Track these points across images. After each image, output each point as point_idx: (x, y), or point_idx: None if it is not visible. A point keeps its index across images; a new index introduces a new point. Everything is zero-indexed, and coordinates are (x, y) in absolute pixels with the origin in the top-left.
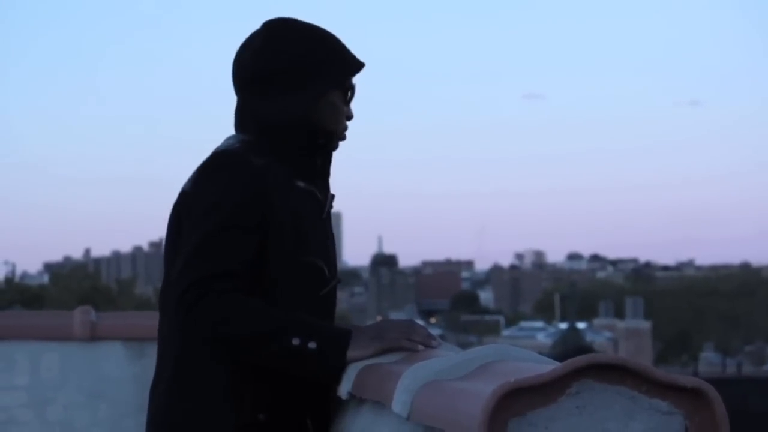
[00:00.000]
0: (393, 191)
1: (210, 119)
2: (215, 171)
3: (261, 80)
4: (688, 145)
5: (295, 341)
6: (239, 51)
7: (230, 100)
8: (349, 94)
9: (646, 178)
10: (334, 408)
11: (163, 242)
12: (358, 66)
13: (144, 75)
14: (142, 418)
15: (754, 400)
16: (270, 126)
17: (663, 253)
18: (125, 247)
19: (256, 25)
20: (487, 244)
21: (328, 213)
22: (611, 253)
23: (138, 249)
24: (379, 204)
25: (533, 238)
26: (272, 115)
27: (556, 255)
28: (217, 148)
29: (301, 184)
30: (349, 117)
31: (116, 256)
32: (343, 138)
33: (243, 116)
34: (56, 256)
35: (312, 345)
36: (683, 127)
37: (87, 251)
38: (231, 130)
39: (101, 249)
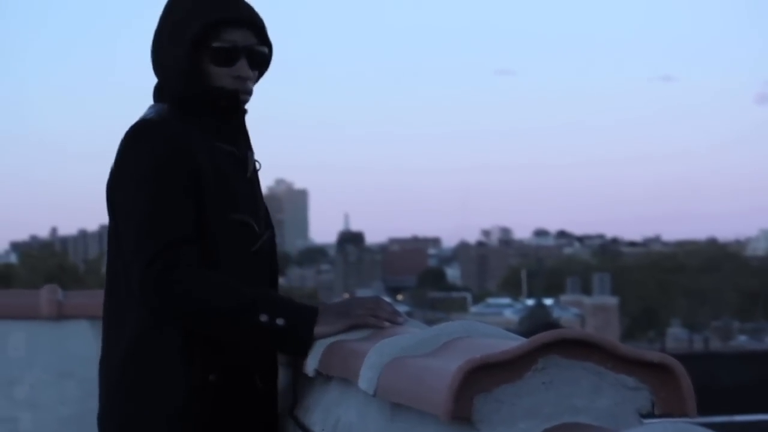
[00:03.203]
0: (360, 168)
1: None
2: (136, 142)
3: (157, 39)
4: (659, 120)
5: (263, 318)
6: None
7: None
8: (232, 50)
9: (613, 154)
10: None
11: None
12: (224, 15)
13: (114, 47)
14: None
15: (720, 376)
16: (164, 83)
17: (630, 229)
18: (92, 226)
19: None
20: (455, 221)
21: (254, 173)
22: (578, 230)
23: (105, 228)
24: (346, 181)
25: (500, 215)
26: (164, 71)
27: (522, 231)
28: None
29: (219, 144)
30: (243, 77)
31: (83, 235)
32: (242, 99)
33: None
34: (23, 235)
35: (280, 321)
36: (655, 102)
37: (54, 230)
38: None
39: (68, 228)
